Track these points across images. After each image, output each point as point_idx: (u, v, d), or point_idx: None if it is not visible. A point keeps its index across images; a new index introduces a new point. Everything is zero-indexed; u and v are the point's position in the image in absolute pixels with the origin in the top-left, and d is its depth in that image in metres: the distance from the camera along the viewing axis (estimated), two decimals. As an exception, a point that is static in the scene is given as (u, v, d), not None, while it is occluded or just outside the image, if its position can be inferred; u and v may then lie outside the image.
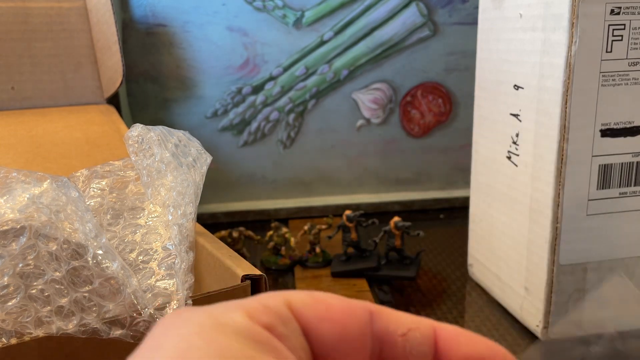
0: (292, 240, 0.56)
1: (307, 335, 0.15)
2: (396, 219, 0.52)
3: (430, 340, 0.16)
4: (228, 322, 0.14)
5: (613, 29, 0.35)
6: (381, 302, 0.49)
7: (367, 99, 0.69)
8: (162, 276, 0.28)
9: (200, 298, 0.28)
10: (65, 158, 0.47)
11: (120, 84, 0.54)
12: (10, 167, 0.26)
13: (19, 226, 0.23)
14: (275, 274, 0.55)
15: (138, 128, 0.32)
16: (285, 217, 0.70)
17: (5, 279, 0.23)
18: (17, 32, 0.53)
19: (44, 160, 0.46)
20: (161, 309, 0.25)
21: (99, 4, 0.54)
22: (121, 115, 0.62)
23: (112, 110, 0.55)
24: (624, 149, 0.38)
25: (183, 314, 0.14)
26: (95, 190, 0.34)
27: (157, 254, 0.30)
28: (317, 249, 0.56)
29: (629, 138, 0.38)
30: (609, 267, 0.40)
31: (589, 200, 0.38)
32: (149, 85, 0.67)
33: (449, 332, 0.16)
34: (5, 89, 0.53)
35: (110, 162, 0.36)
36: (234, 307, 0.15)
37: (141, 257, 0.30)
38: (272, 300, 0.15)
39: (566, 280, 0.40)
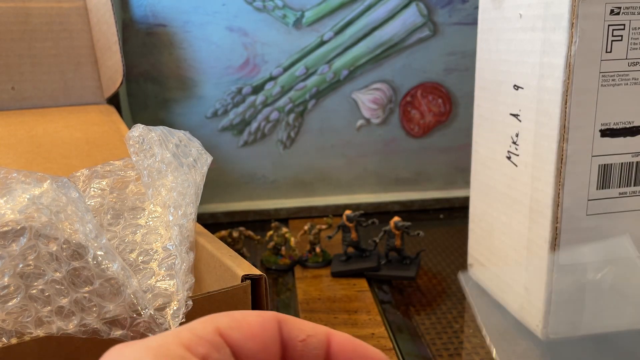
0: (292, 240, 0.56)
1: (236, 354, 0.17)
2: (396, 219, 0.52)
3: (325, 345, 0.19)
4: (167, 356, 0.15)
5: (613, 29, 0.35)
6: (381, 301, 0.49)
7: (367, 99, 0.69)
8: (163, 277, 0.28)
9: (201, 298, 0.28)
10: (66, 158, 0.47)
11: (121, 84, 0.54)
12: (10, 167, 0.26)
13: (19, 227, 0.23)
14: (275, 274, 0.55)
15: (139, 128, 0.32)
16: (285, 217, 0.70)
17: (6, 279, 0.23)
18: (17, 32, 0.53)
19: (44, 161, 0.46)
20: (161, 309, 0.25)
21: (99, 4, 0.54)
22: (121, 116, 0.62)
23: (112, 110, 0.55)
24: (623, 149, 0.38)
25: (123, 350, 0.16)
26: (95, 190, 0.34)
27: (158, 255, 0.30)
28: (317, 249, 0.56)
29: (628, 138, 0.38)
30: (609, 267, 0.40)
31: (588, 200, 0.38)
32: (149, 85, 0.67)
33: (341, 338, 0.19)
34: (6, 89, 0.53)
35: (111, 162, 0.36)
36: (171, 340, 0.16)
37: (141, 258, 0.30)
38: (204, 329, 0.17)
39: (566, 280, 0.40)
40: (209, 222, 0.69)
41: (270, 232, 0.57)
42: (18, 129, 0.49)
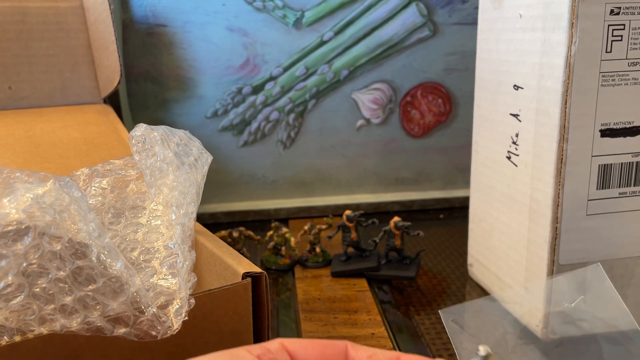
0: (292, 240, 0.56)
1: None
2: (396, 219, 0.52)
3: None
4: (240, 357, 0.20)
5: (613, 29, 0.35)
6: (381, 301, 0.49)
7: (367, 99, 0.69)
8: (165, 275, 0.28)
9: (202, 295, 0.28)
10: (64, 158, 0.47)
11: (118, 84, 0.54)
12: (9, 167, 0.26)
13: (23, 226, 0.23)
14: (276, 274, 0.55)
15: (142, 128, 0.32)
16: (285, 217, 0.70)
17: (10, 277, 0.23)
18: (14, 31, 0.53)
19: (42, 160, 0.46)
20: (164, 307, 0.26)
21: (96, 3, 0.54)
22: (121, 116, 0.62)
23: (109, 110, 0.55)
24: (623, 149, 0.38)
25: (201, 357, 0.20)
26: (96, 189, 0.34)
27: (159, 253, 0.30)
28: (317, 249, 0.56)
29: (628, 138, 0.38)
30: (609, 267, 0.40)
31: (588, 200, 0.39)
32: (149, 85, 0.67)
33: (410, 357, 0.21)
34: (3, 88, 0.53)
35: (111, 160, 0.36)
36: (243, 351, 0.21)
37: (143, 256, 0.30)
38: (271, 343, 0.22)
39: (566, 280, 0.40)
40: (209, 222, 0.69)
41: (270, 232, 0.57)
42: (16, 129, 0.49)
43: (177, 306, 0.26)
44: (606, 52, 0.36)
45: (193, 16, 0.65)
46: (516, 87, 0.42)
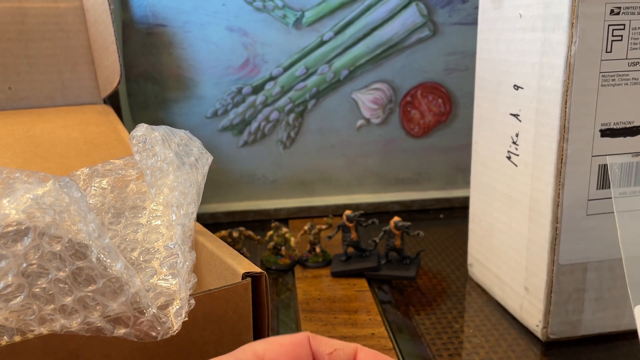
0: (292, 240, 0.56)
1: None
2: (396, 218, 0.52)
3: (351, 359, 0.22)
4: None
5: (613, 29, 0.36)
6: (381, 301, 0.49)
7: (367, 99, 0.69)
8: (165, 275, 0.28)
9: (202, 295, 0.28)
10: (64, 158, 0.47)
11: (118, 84, 0.54)
12: (9, 167, 0.26)
13: (23, 227, 0.23)
14: (276, 274, 0.55)
15: (142, 128, 0.32)
16: (285, 217, 0.70)
17: (10, 277, 0.23)
18: (13, 32, 0.53)
19: (42, 160, 0.46)
20: (164, 308, 0.26)
21: (96, 4, 0.55)
22: (121, 116, 0.62)
23: (109, 110, 0.55)
24: (623, 149, 0.38)
25: None
26: (96, 189, 0.34)
27: (159, 253, 0.30)
28: (317, 249, 0.56)
29: (628, 138, 0.38)
30: (609, 267, 0.40)
31: (588, 200, 0.39)
32: (149, 85, 0.67)
33: (368, 353, 0.22)
34: (2, 89, 0.53)
35: (111, 160, 0.36)
36: None
37: (143, 256, 0.30)
38: (244, 354, 0.21)
39: (566, 280, 0.40)
40: (209, 222, 0.69)
41: (270, 232, 0.57)
42: (16, 129, 0.49)
43: (177, 307, 0.26)
44: (606, 52, 0.36)
45: (193, 16, 0.65)
46: (516, 87, 0.42)
